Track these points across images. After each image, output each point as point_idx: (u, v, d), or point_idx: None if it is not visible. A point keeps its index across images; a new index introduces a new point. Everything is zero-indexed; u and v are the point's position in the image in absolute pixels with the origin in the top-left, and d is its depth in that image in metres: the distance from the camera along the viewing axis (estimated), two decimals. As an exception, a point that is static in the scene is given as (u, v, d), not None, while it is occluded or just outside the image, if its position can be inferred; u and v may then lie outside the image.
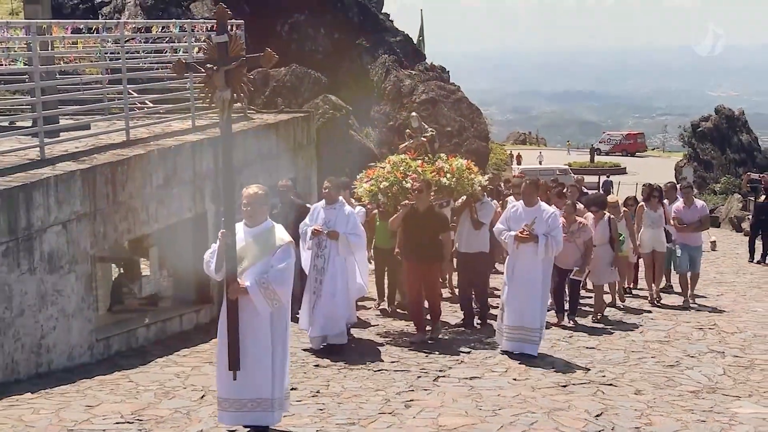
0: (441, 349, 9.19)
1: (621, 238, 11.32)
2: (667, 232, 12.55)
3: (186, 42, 12.10)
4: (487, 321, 10.33)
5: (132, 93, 11.46)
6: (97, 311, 9.16)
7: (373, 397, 7.20)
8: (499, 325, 9.08)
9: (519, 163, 46.64)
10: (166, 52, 12.26)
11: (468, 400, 7.18)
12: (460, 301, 10.83)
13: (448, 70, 26.72)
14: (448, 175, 9.94)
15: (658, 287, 12.66)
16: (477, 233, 10.23)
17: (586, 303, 11.58)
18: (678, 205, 12.62)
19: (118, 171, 8.96)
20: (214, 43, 5.91)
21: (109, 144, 9.85)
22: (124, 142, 10.01)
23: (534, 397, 7.32)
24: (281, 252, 5.94)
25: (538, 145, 71.96)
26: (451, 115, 23.31)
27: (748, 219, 21.47)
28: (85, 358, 8.38)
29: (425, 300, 9.59)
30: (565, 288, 10.61)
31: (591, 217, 11.04)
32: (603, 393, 7.55)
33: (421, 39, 30.07)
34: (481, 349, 9.28)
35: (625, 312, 11.65)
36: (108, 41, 11.72)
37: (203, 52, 6.13)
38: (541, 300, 8.86)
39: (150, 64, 12.32)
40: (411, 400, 7.13)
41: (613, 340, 9.98)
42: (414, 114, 11.77)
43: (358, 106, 21.99)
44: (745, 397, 7.59)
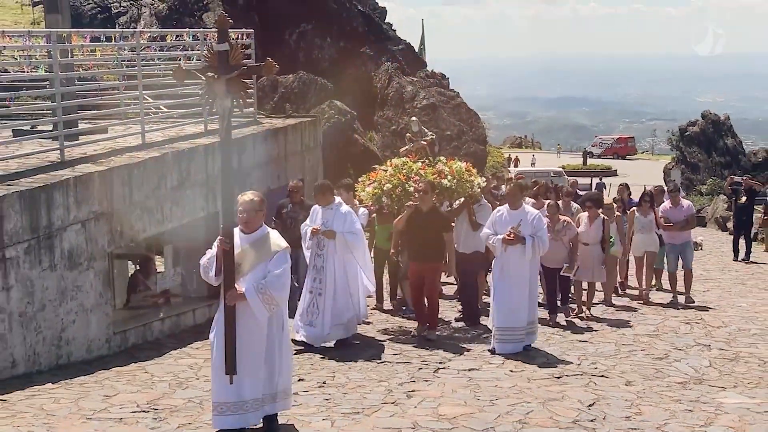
0: (441, 342, 9.34)
1: (611, 239, 11.45)
2: (660, 236, 12.63)
3: (198, 50, 12.32)
4: (480, 316, 10.46)
5: (147, 98, 11.70)
6: (115, 306, 9.40)
7: (376, 388, 7.38)
8: (491, 326, 9.15)
9: (516, 166, 46.61)
10: (180, 60, 12.49)
11: (467, 391, 7.34)
12: (459, 297, 11.11)
13: (448, 77, 26.83)
14: (449, 177, 10.05)
15: (648, 286, 12.81)
16: (474, 234, 10.30)
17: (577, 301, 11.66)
18: (665, 205, 12.72)
19: (134, 173, 9.18)
20: (215, 51, 5.84)
21: (126, 147, 10.07)
22: (140, 145, 10.23)
23: (529, 388, 7.47)
24: (278, 258, 5.90)
25: (533, 149, 71.86)
26: (451, 119, 23.42)
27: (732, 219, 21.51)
28: (102, 350, 8.61)
29: (425, 298, 9.67)
30: (557, 287, 10.73)
31: (585, 216, 11.19)
32: (595, 384, 7.70)
33: (422, 47, 30.27)
34: (479, 342, 9.42)
35: (616, 308, 11.76)
36: (125, 49, 11.93)
37: (204, 60, 6.06)
38: (530, 299, 8.97)
39: (164, 71, 12.57)
40: (412, 391, 7.30)
41: (605, 334, 10.14)
42: (414, 118, 11.98)
43: (363, 111, 22.13)
44: (730, 387, 7.73)
